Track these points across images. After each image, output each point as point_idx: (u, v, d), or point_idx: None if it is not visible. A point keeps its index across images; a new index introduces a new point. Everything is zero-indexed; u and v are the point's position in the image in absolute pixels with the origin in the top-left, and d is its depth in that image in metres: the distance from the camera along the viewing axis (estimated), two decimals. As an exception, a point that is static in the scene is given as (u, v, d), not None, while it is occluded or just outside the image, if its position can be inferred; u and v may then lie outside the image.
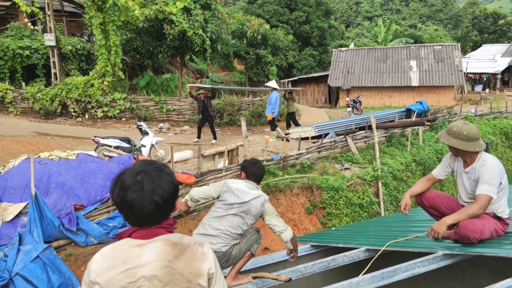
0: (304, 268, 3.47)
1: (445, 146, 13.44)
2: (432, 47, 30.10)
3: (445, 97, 27.14)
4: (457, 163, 3.57)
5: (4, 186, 6.91)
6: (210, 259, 1.72)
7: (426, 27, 69.73)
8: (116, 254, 1.66)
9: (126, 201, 1.64)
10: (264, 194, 3.81)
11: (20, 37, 18.29)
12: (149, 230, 1.69)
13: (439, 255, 3.11)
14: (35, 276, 5.29)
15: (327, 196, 9.37)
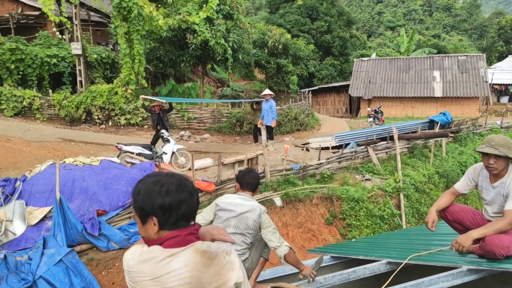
0: (324, 280, 3.44)
1: (470, 158, 13.25)
2: (456, 57, 29.64)
3: (469, 109, 26.63)
4: (482, 177, 3.50)
5: (30, 190, 7.03)
6: (237, 268, 1.72)
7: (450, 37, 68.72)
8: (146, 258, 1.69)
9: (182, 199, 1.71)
10: (261, 206, 3.71)
11: (48, 46, 18.79)
12: (180, 238, 1.71)
13: (464, 270, 3.04)
14: (58, 280, 5.34)
15: (347, 207, 9.27)
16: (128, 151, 10.27)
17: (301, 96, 27.20)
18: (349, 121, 24.13)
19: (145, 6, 15.76)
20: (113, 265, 6.16)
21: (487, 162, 3.32)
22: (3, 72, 16.97)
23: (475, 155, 13.72)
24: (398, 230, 8.81)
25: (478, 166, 3.58)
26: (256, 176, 3.91)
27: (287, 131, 18.65)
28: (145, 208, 1.71)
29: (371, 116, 20.85)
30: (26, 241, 6.22)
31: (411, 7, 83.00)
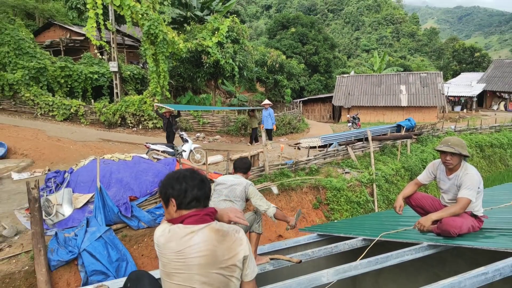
0: (312, 253, 3.44)
1: (429, 155, 13.21)
2: (419, 74, 29.57)
3: (429, 116, 26.56)
4: (439, 171, 3.52)
5: (76, 180, 7.05)
6: (245, 243, 1.73)
7: (414, 58, 68.44)
8: (171, 235, 1.72)
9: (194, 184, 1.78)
10: (248, 181, 3.78)
11: (90, 64, 18.79)
12: (199, 217, 1.73)
13: (424, 246, 3.04)
14: (98, 252, 5.35)
15: (331, 194, 9.27)
16: (155, 149, 10.27)
17: (293, 105, 27.10)
18: (332, 125, 24.09)
19: (168, 33, 15.74)
20: (142, 241, 6.16)
21: (444, 159, 3.33)
22: (55, 85, 16.98)
23: (434, 153, 13.69)
24: (372, 213, 8.81)
25: (437, 162, 3.58)
26: (245, 162, 3.98)
27: (282, 133, 18.62)
28: (166, 192, 1.78)
29: (350, 121, 20.82)
30: (73, 221, 6.24)
31: (383, 33, 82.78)
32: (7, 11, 24.62)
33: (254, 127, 14.96)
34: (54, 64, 16.93)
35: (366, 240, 3.61)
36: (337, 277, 2.63)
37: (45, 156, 11.16)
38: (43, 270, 4.99)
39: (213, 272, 1.66)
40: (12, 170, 9.68)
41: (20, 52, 16.17)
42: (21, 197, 7.62)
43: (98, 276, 5.09)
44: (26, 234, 5.94)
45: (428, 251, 3.04)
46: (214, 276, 1.66)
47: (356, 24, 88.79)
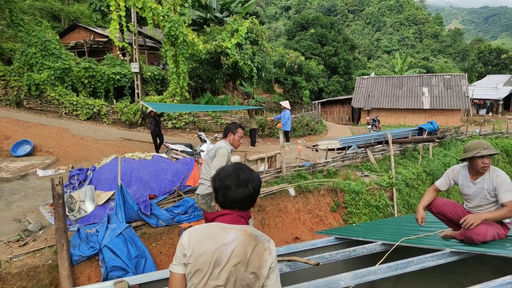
0: (329, 256, 3.41)
1: (452, 160, 12.88)
2: (442, 76, 28.88)
3: (453, 119, 25.92)
4: (462, 177, 3.36)
5: (98, 178, 7.21)
6: (274, 254, 1.72)
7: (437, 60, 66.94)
8: (206, 233, 1.72)
9: (226, 186, 1.75)
10: (226, 145, 4.29)
11: (113, 65, 19.16)
12: (233, 216, 1.74)
13: (447, 252, 2.97)
14: (118, 248, 5.44)
15: (349, 197, 9.15)
16: (174, 149, 10.40)
17: (312, 106, 26.93)
18: (351, 128, 23.80)
19: (188, 34, 15.92)
20: (161, 239, 6.24)
21: (483, 163, 3.13)
22: (79, 85, 17.42)
23: (457, 157, 13.33)
24: (391, 218, 8.65)
25: (457, 168, 3.43)
26: (225, 128, 4.56)
27: (300, 135, 18.54)
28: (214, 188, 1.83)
29: (369, 124, 20.52)
30: (94, 217, 6.37)
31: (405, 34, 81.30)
32: (35, 13, 25.53)
33: (252, 128, 14.68)
34: (78, 65, 17.38)
35: (385, 245, 3.55)
36: (356, 281, 2.60)
37: (69, 154, 11.47)
38: (65, 265, 5.13)
39: (240, 276, 1.66)
40: (37, 167, 10.00)
41: (47, 53, 16.68)
42: (46, 193, 7.87)
43: (118, 272, 5.19)
44: (50, 229, 6.13)
45: (450, 257, 2.96)
46: (240, 279, 1.66)
47: (377, 24, 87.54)
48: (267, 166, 9.45)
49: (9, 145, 11.51)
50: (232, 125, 4.55)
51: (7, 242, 5.64)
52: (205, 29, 20.64)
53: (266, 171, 8.85)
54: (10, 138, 11.94)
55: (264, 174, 8.74)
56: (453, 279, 3.55)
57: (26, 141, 11.76)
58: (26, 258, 5.31)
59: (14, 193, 8.10)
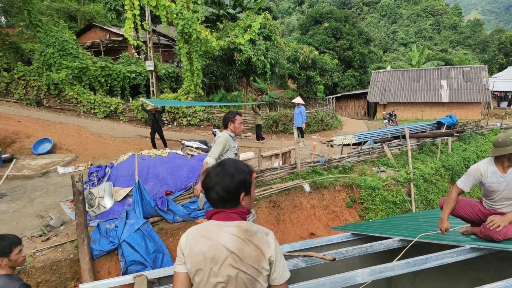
0: (345, 251, 3.40)
1: (472, 154, 12.58)
2: (462, 68, 28.15)
3: (472, 112, 25.28)
4: (490, 174, 3.09)
5: (116, 174, 7.34)
6: (272, 247, 1.70)
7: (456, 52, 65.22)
8: (201, 232, 1.75)
9: (205, 187, 1.77)
10: (225, 134, 4.50)
11: (128, 64, 19.44)
12: (225, 214, 1.74)
13: (467, 248, 2.92)
14: (137, 243, 5.54)
15: (365, 193, 9.07)
16: (189, 146, 10.49)
17: (326, 101, 26.76)
18: (367, 123, 23.52)
19: (202, 31, 15.98)
20: (178, 234, 6.32)
21: None
22: (96, 84, 17.74)
23: (477, 152, 13.03)
24: (409, 214, 8.54)
25: (482, 166, 3.14)
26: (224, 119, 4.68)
27: (314, 130, 18.44)
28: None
29: (386, 118, 20.26)
30: (113, 213, 6.49)
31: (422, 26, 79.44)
32: (52, 14, 26.09)
33: (257, 124, 14.73)
34: (95, 64, 17.69)
35: (403, 241, 3.52)
36: (373, 277, 2.58)
37: (87, 152, 11.70)
38: (86, 259, 5.28)
39: (240, 271, 1.67)
40: (58, 164, 10.26)
41: (64, 53, 17.04)
42: (66, 190, 8.08)
43: (137, 266, 5.30)
44: (70, 224, 6.30)
45: (470, 254, 2.91)
46: (241, 274, 1.67)
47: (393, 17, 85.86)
48: (281, 162, 9.45)
49: (30, 143, 11.83)
50: (229, 114, 4.65)
51: (30, 237, 5.82)
52: (218, 25, 20.67)
53: (281, 167, 8.84)
54: (31, 136, 12.26)
55: (279, 170, 8.75)
56: (474, 276, 3.49)
57: (47, 139, 12.06)
58: (49, 252, 5.48)
59: (36, 190, 8.34)
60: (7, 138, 11.99)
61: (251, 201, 1.84)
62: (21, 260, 2.80)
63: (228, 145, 4.51)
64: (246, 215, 1.80)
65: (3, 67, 18.85)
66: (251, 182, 1.80)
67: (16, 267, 2.85)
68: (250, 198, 1.82)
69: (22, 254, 2.80)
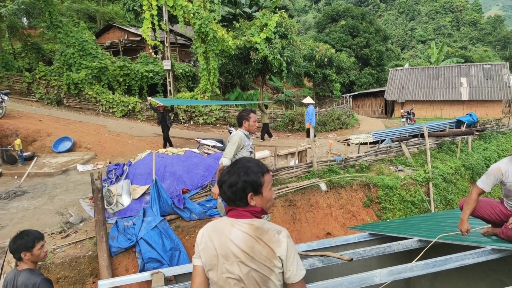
0: (363, 251, 3.35)
1: (493, 153, 12.23)
2: (482, 66, 27.37)
3: (493, 110, 24.56)
4: (510, 173, 3.02)
5: (134, 172, 7.45)
6: (284, 246, 1.67)
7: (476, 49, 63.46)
8: (216, 228, 1.78)
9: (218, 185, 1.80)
10: (239, 132, 4.56)
11: (146, 63, 19.68)
12: (237, 211, 1.75)
13: (488, 250, 2.82)
14: (154, 241, 5.60)
15: (383, 193, 8.92)
16: (205, 144, 10.56)
17: (343, 100, 26.46)
18: (385, 121, 23.14)
19: (218, 31, 16.05)
20: (194, 232, 6.37)
21: None
22: (115, 83, 18.04)
23: (498, 151, 12.65)
24: (427, 214, 8.36)
25: (502, 165, 3.07)
26: (238, 117, 4.71)
27: (331, 129, 18.26)
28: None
29: (404, 117, 19.89)
30: (131, 211, 6.59)
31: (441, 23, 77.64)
32: (72, 15, 26.66)
33: (264, 122, 14.66)
34: (113, 64, 17.99)
35: (422, 242, 3.43)
36: (391, 278, 2.53)
37: (106, 150, 11.93)
38: (104, 256, 5.37)
39: (251, 269, 1.67)
40: (77, 162, 10.49)
41: (84, 53, 17.40)
42: (85, 187, 8.25)
43: (154, 264, 5.36)
44: (89, 221, 6.43)
45: (491, 255, 2.82)
46: (252, 272, 1.67)
47: (411, 13, 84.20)
48: (297, 161, 9.39)
49: (51, 142, 12.14)
50: (243, 112, 4.64)
51: (50, 233, 5.97)
52: (234, 24, 20.72)
53: (297, 165, 8.80)
54: (52, 135, 12.58)
55: (295, 169, 8.70)
56: (495, 278, 3.39)
57: (67, 138, 12.35)
58: (68, 249, 5.60)
59: (56, 187, 8.55)
60: (29, 136, 12.33)
61: (265, 201, 1.79)
62: (43, 255, 2.86)
63: (242, 143, 4.50)
64: (260, 214, 1.78)
65: (25, 67, 19.41)
66: (261, 183, 1.76)
67: (38, 262, 2.92)
68: (263, 198, 1.78)
69: (44, 250, 2.87)
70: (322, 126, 18.03)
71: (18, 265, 2.80)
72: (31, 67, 19.41)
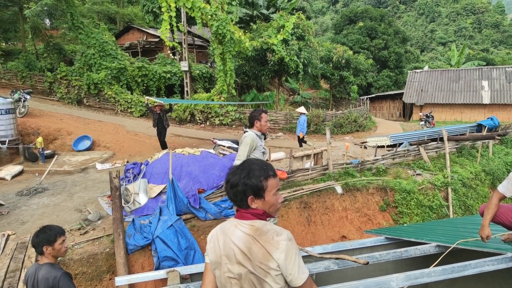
0: (379, 255, 3.31)
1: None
2: (504, 68, 26.61)
3: (516, 114, 23.85)
4: None
5: (151, 172, 7.57)
6: (282, 248, 1.63)
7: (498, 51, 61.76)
8: (223, 228, 1.84)
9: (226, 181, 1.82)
10: (250, 133, 4.52)
11: (164, 64, 19.94)
12: (240, 213, 1.79)
13: (508, 256, 2.75)
14: (169, 239, 5.67)
15: (400, 197, 8.78)
16: (221, 145, 10.62)
17: (360, 102, 26.20)
18: (402, 124, 22.76)
19: (235, 32, 16.12)
20: (209, 232, 6.37)
21: None
22: (133, 84, 18.35)
23: (521, 156, 12.28)
24: (445, 219, 8.19)
25: None
26: (249, 117, 4.68)
27: (347, 132, 18.09)
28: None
29: (422, 120, 19.55)
30: (148, 209, 6.69)
31: (462, 25, 75.89)
32: (93, 16, 27.28)
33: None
34: (132, 65, 18.30)
35: (440, 247, 3.38)
36: (408, 283, 2.50)
37: (124, 149, 12.15)
38: (121, 253, 5.47)
39: (248, 269, 1.68)
40: (96, 161, 10.73)
41: (104, 54, 17.77)
42: (104, 186, 8.42)
43: (169, 262, 5.43)
44: (107, 219, 6.56)
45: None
46: (249, 273, 1.68)
47: (431, 15, 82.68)
48: (313, 163, 9.35)
49: (71, 140, 12.45)
50: (255, 113, 4.61)
51: (69, 230, 6.11)
52: (251, 26, 20.78)
53: (312, 168, 8.76)
54: (72, 133, 12.89)
55: (310, 171, 8.66)
56: (516, 287, 3.30)
57: (86, 137, 12.64)
58: (86, 245, 5.72)
59: (76, 185, 8.76)
60: (50, 135, 12.68)
61: (267, 205, 1.76)
62: (63, 251, 2.95)
63: (254, 144, 4.49)
64: (264, 216, 1.76)
65: (47, 67, 19.95)
66: (262, 187, 1.73)
67: (58, 258, 3.01)
68: (265, 202, 1.75)
69: (64, 245, 2.95)
70: (338, 128, 17.88)
71: (39, 259, 2.89)
72: (52, 67, 19.94)
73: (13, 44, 26.01)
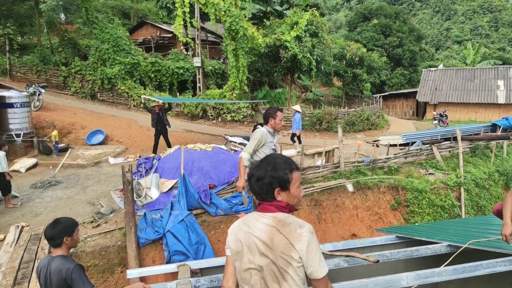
0: (389, 254, 3.30)
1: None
2: (521, 68, 26.01)
3: (533, 115, 23.25)
4: None
5: (163, 167, 7.65)
6: (304, 240, 1.66)
7: (516, 50, 60.37)
8: (245, 221, 1.86)
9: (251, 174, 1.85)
10: (260, 129, 4.55)
11: (177, 60, 20.04)
12: (263, 206, 1.81)
13: (522, 258, 2.72)
14: (180, 234, 5.73)
15: (411, 196, 8.70)
16: (233, 141, 10.65)
17: (373, 100, 25.91)
18: (416, 123, 22.46)
19: (248, 28, 16.10)
20: (219, 227, 6.46)
21: None
22: (146, 79, 18.51)
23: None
24: (457, 219, 8.09)
25: None
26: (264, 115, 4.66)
27: (359, 130, 17.94)
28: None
29: (436, 119, 19.26)
30: (159, 204, 6.76)
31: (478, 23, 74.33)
32: (107, 11, 27.55)
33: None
34: (146, 60, 18.45)
35: (451, 247, 3.34)
36: (418, 282, 2.49)
37: (136, 144, 12.28)
38: (133, 246, 5.55)
39: (270, 260, 1.70)
40: (109, 155, 10.88)
41: (118, 49, 17.95)
42: (116, 180, 8.54)
43: (180, 256, 5.49)
44: (119, 212, 6.66)
45: (526, 264, 2.71)
46: (270, 264, 1.71)
47: (447, 13, 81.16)
48: (324, 161, 9.32)
49: (84, 134, 12.64)
50: (270, 110, 4.62)
51: (82, 223, 6.22)
52: (264, 22, 20.72)
53: (323, 165, 8.73)
54: (85, 128, 13.08)
55: (321, 169, 8.64)
56: (530, 289, 3.25)
57: (100, 131, 12.81)
58: (99, 238, 5.82)
59: (89, 179, 8.91)
60: (64, 128, 12.88)
61: (292, 198, 1.82)
62: (79, 241, 3.03)
63: (263, 140, 4.50)
64: (286, 209, 1.81)
65: (61, 62, 20.27)
66: (288, 179, 1.78)
67: (71, 249, 3.07)
68: (290, 195, 1.81)
69: (79, 235, 3.03)
70: (350, 126, 17.74)
71: (52, 252, 2.95)
72: (67, 62, 20.25)
73: (28, 38, 26.45)
